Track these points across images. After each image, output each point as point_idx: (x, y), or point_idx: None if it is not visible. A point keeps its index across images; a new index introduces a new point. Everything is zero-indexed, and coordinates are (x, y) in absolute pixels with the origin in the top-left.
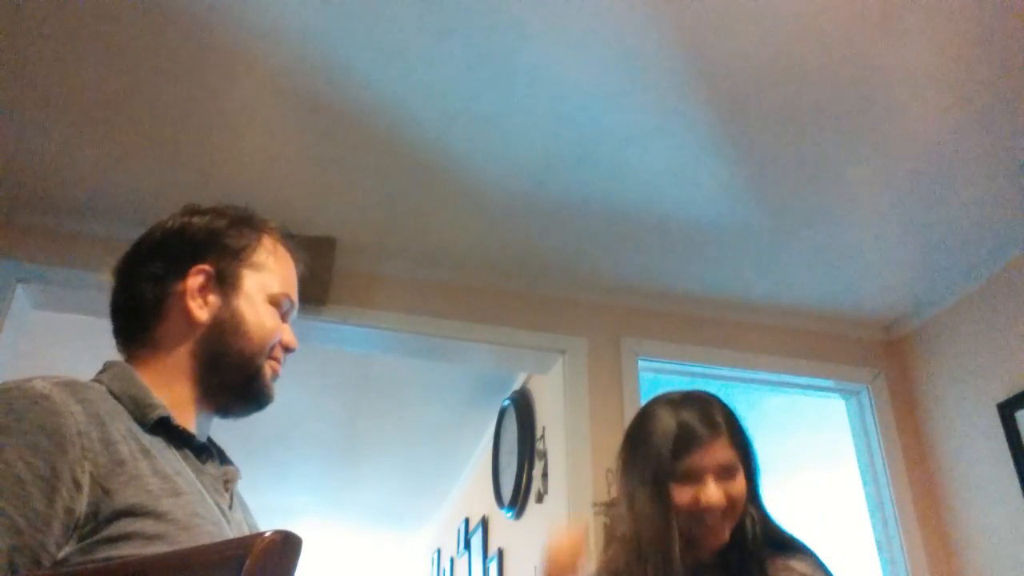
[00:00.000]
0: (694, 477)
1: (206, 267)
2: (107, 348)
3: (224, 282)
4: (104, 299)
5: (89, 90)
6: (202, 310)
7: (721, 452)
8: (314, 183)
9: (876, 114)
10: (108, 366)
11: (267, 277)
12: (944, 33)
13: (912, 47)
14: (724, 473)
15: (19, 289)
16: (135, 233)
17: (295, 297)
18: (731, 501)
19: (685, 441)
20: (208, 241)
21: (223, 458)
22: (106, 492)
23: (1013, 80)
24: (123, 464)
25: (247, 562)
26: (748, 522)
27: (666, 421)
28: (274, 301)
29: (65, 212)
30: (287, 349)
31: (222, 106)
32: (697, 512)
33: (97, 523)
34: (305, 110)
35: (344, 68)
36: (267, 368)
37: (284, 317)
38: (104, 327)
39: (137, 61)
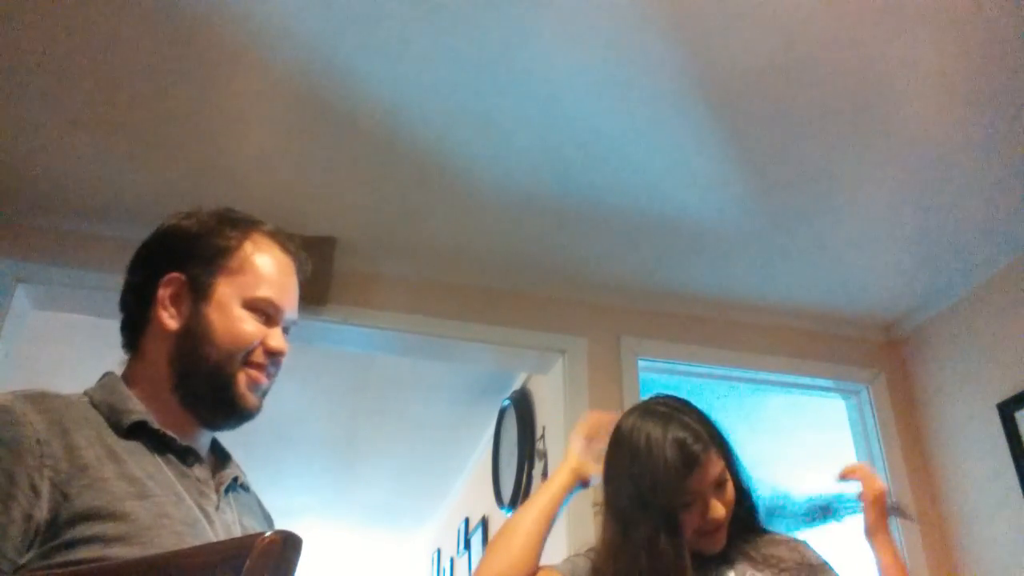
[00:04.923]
0: (696, 499)
1: (178, 275)
2: (107, 348)
3: (196, 290)
4: (104, 299)
5: (90, 90)
6: (172, 319)
7: (713, 466)
8: (314, 183)
9: (876, 114)
10: (101, 377)
11: (246, 281)
12: (944, 33)
13: (912, 47)
14: (719, 486)
15: (19, 289)
16: (135, 233)
17: (282, 299)
18: (728, 508)
19: (688, 466)
20: (183, 248)
21: (224, 462)
22: (65, 497)
23: (1013, 80)
24: (85, 469)
25: (247, 562)
26: (738, 509)
27: (663, 447)
28: (251, 305)
29: (65, 212)
30: (273, 354)
31: (222, 106)
32: (703, 529)
33: (58, 528)
34: (305, 110)
35: (344, 68)
36: (241, 377)
37: (270, 321)
38: (104, 327)
39: (138, 61)
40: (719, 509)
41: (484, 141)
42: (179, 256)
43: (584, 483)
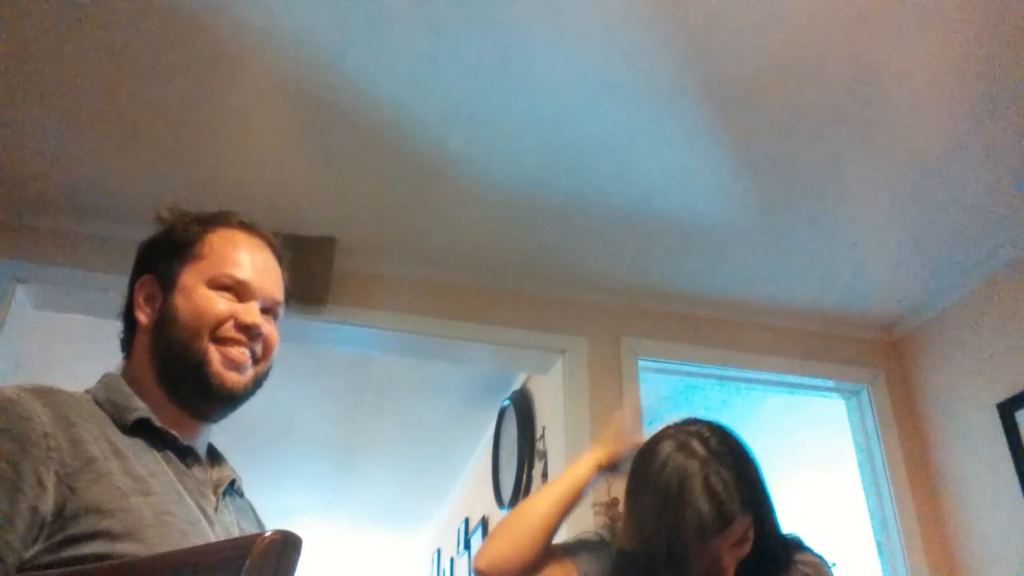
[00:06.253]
0: (715, 553)
1: (148, 276)
2: (107, 348)
3: (164, 284)
4: (103, 299)
5: (90, 90)
6: (146, 316)
7: (738, 528)
8: (314, 183)
9: (876, 114)
10: (101, 378)
11: (208, 263)
12: (944, 33)
13: (912, 47)
14: (739, 544)
15: (19, 289)
16: (135, 233)
17: (250, 275)
18: (739, 559)
19: (718, 528)
20: (152, 251)
21: (219, 463)
22: (72, 490)
23: (1012, 80)
24: (91, 463)
25: (247, 562)
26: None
27: (697, 499)
28: (215, 284)
29: (65, 212)
30: (246, 328)
31: (222, 106)
32: (710, 572)
33: (64, 521)
34: (305, 110)
35: (344, 68)
36: (214, 354)
37: (241, 298)
38: (104, 327)
39: (137, 61)
40: (729, 566)
41: (484, 142)
42: (149, 259)
43: (611, 469)
